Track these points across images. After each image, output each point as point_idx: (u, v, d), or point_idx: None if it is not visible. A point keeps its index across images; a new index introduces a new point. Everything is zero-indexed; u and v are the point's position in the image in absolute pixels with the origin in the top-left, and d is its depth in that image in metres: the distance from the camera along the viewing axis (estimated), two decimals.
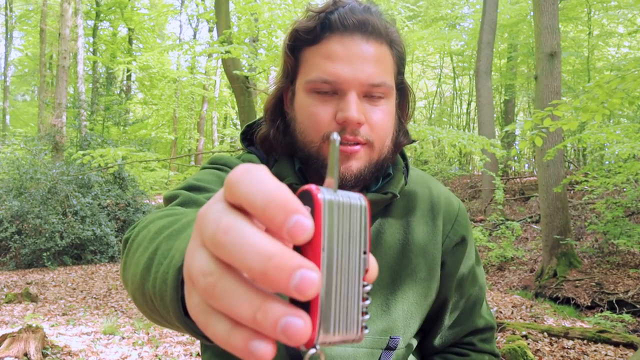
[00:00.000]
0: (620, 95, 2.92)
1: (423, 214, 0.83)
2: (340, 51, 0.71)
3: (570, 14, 14.65)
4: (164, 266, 0.44)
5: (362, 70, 0.71)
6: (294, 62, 0.76)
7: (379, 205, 0.79)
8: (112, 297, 6.74)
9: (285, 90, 0.80)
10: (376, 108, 0.74)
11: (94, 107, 14.37)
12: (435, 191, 0.87)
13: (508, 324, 4.90)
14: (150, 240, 0.52)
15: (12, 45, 22.11)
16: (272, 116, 0.81)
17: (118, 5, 18.91)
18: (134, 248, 0.55)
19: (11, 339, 3.83)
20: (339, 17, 0.71)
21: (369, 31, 0.72)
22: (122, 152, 6.79)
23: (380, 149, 0.76)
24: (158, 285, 0.44)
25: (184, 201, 0.68)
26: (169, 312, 0.43)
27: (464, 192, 14.91)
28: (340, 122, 0.71)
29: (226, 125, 22.52)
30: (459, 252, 0.84)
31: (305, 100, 0.74)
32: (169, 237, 0.49)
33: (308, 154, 0.76)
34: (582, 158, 16.50)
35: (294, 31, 0.74)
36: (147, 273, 0.47)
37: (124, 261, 0.57)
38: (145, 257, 0.50)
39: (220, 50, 5.79)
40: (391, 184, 0.81)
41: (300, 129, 0.76)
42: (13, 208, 8.83)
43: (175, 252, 0.44)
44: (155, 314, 0.49)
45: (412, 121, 20.07)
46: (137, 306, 0.53)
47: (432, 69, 23.62)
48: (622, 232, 7.89)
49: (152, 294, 0.46)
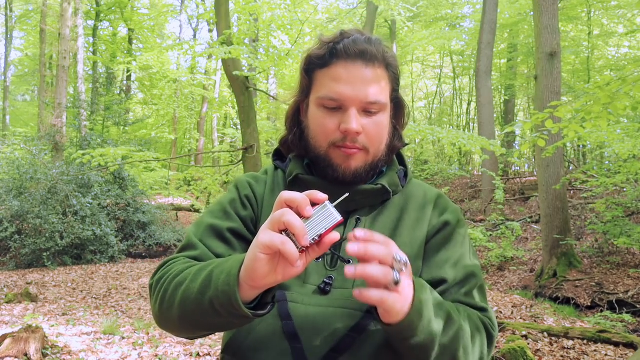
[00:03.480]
0: (625, 99, 2.89)
1: (415, 208, 0.97)
2: (344, 74, 0.88)
3: (570, 14, 14.64)
4: (223, 278, 0.72)
5: (362, 91, 0.88)
6: (308, 81, 0.95)
7: (375, 197, 0.95)
8: (112, 297, 6.74)
9: (301, 103, 0.99)
10: (372, 121, 0.91)
11: (94, 107, 14.37)
12: (429, 192, 1.02)
13: (508, 324, 4.90)
14: (197, 272, 0.78)
15: (12, 45, 22.12)
16: (291, 124, 1.01)
17: (118, 5, 18.91)
18: (178, 282, 0.80)
19: (11, 339, 3.83)
20: (344, 46, 0.89)
21: (367, 58, 0.89)
22: (122, 152, 6.79)
23: (375, 153, 0.93)
24: (221, 289, 0.71)
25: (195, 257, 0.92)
26: (231, 303, 0.70)
27: (464, 192, 14.90)
28: (343, 132, 0.89)
29: (226, 125, 22.51)
30: (443, 235, 0.95)
31: (316, 112, 0.92)
32: (216, 267, 0.76)
33: (317, 155, 0.94)
34: (582, 158, 16.50)
35: (309, 57, 0.93)
36: (207, 288, 0.73)
37: (162, 293, 0.82)
38: (200, 281, 0.76)
39: (220, 51, 5.79)
40: (382, 179, 0.96)
41: (312, 135, 0.95)
42: (13, 208, 8.83)
43: (229, 270, 0.72)
44: (205, 320, 0.76)
45: (413, 121, 20.15)
46: (183, 320, 0.79)
47: (432, 69, 23.62)
48: (622, 232, 7.89)
49: (214, 297, 0.72)
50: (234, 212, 0.95)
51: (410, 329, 0.72)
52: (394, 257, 0.66)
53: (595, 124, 3.12)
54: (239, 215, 0.95)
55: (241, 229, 0.94)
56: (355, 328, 0.84)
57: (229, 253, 0.90)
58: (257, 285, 0.69)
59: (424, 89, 24.75)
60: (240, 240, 0.93)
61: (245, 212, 0.96)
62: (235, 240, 0.93)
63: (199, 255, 0.89)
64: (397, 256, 0.66)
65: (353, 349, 0.83)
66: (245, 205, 0.97)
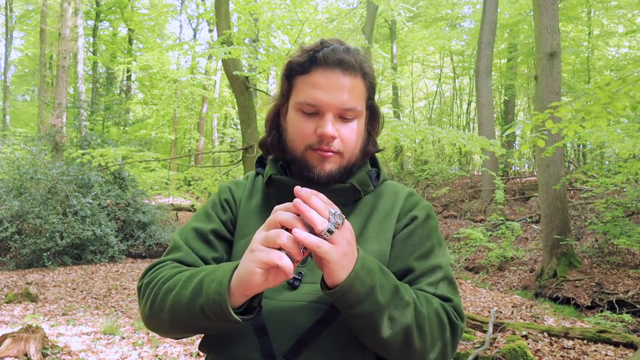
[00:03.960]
0: (625, 99, 2.89)
1: (385, 204, 1.01)
2: (323, 81, 0.92)
3: (570, 14, 14.64)
4: (214, 287, 0.77)
5: (338, 98, 0.92)
6: (288, 86, 0.99)
7: (345, 196, 0.99)
8: (112, 297, 6.74)
9: (281, 106, 1.03)
10: (347, 126, 0.95)
11: (94, 107, 14.35)
12: (400, 190, 1.05)
13: (508, 324, 4.90)
14: (188, 279, 0.83)
15: (12, 45, 22.11)
16: (270, 126, 1.05)
17: (118, 5, 18.91)
18: (168, 287, 0.85)
19: (11, 339, 3.83)
20: (323, 55, 0.93)
21: (345, 67, 0.93)
22: (122, 152, 6.79)
23: (349, 157, 0.97)
24: (211, 297, 0.77)
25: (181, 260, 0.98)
26: (222, 310, 0.75)
27: (464, 192, 14.90)
28: (319, 136, 0.93)
29: (226, 125, 22.51)
30: (410, 229, 0.98)
31: (295, 116, 0.96)
32: (206, 275, 0.81)
33: (294, 157, 0.98)
34: (582, 158, 16.50)
35: (289, 63, 0.97)
36: (198, 295, 0.79)
37: (152, 297, 0.87)
38: (191, 288, 0.81)
39: (220, 51, 5.79)
40: (351, 178, 0.99)
41: (289, 137, 0.98)
42: (13, 208, 8.82)
43: (220, 279, 0.77)
44: (195, 324, 0.82)
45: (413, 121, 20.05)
46: (172, 324, 0.85)
47: (432, 69, 23.61)
48: (622, 232, 7.89)
49: (205, 304, 0.78)
50: (215, 215, 1.02)
51: (353, 294, 0.75)
52: (329, 211, 0.72)
53: (594, 123, 3.12)
54: (220, 218, 1.02)
55: (222, 230, 1.00)
56: (321, 321, 0.87)
57: (211, 254, 0.97)
58: (249, 293, 0.76)
59: (424, 89, 24.74)
60: (221, 241, 1.00)
61: (224, 216, 1.02)
62: (216, 240, 0.99)
63: (183, 256, 0.96)
64: (333, 210, 0.72)
65: (318, 340, 0.86)
66: (225, 208, 1.03)
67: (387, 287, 0.79)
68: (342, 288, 0.75)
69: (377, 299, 0.77)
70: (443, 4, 18.92)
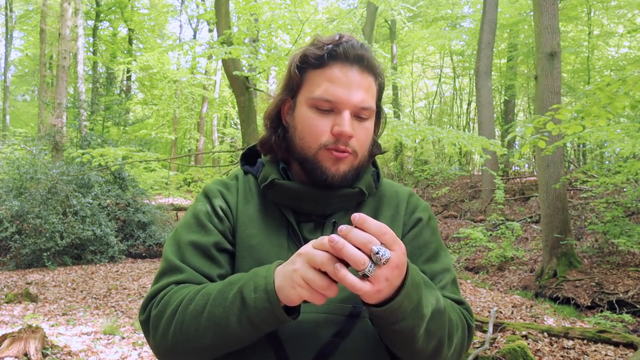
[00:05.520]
0: (624, 99, 2.90)
1: (388, 207, 0.99)
2: (341, 77, 0.88)
3: (570, 14, 14.63)
4: (261, 297, 0.73)
5: (357, 95, 0.88)
6: (299, 79, 0.91)
7: (351, 199, 0.95)
8: (112, 297, 6.73)
9: (285, 101, 0.95)
10: (362, 126, 0.91)
11: (94, 107, 14.34)
12: (401, 191, 1.03)
13: (508, 324, 4.90)
14: (218, 296, 0.78)
15: (12, 45, 22.10)
16: (273, 123, 0.97)
17: (118, 5, 18.91)
18: (196, 310, 0.78)
19: (11, 339, 3.83)
20: (344, 50, 0.88)
21: (364, 64, 0.89)
22: (122, 152, 6.80)
23: (361, 158, 0.93)
24: (261, 306, 0.73)
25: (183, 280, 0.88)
26: (276, 317, 0.73)
27: (464, 192, 14.89)
28: (336, 134, 0.87)
29: (226, 125, 22.50)
30: (415, 232, 0.97)
31: (307, 112, 0.90)
32: (243, 286, 0.76)
33: (305, 157, 0.91)
34: (582, 158, 16.50)
35: (304, 55, 0.91)
36: (243, 309, 0.75)
37: (175, 325, 0.79)
38: (228, 304, 0.76)
39: (220, 51, 5.79)
40: (359, 182, 0.96)
41: (300, 135, 0.92)
42: (13, 208, 8.82)
43: (264, 286, 0.74)
44: (239, 338, 0.77)
45: (412, 121, 20.03)
46: (211, 346, 0.78)
47: (432, 69, 23.60)
48: (622, 232, 7.89)
49: (254, 316, 0.74)
50: (211, 226, 0.92)
51: (400, 312, 0.71)
52: (371, 250, 0.64)
53: (594, 122, 3.12)
54: (218, 229, 0.91)
55: (223, 243, 0.91)
56: (339, 333, 0.85)
57: (216, 271, 0.88)
58: (288, 303, 0.74)
59: (424, 89, 24.73)
60: (224, 254, 0.90)
61: (222, 226, 0.92)
62: (219, 255, 0.90)
63: (187, 279, 0.86)
64: (375, 249, 0.64)
65: (337, 354, 0.84)
66: (221, 217, 0.93)
67: (430, 299, 0.77)
68: (391, 307, 0.70)
69: (421, 313, 0.74)
70: (443, 3, 18.92)
